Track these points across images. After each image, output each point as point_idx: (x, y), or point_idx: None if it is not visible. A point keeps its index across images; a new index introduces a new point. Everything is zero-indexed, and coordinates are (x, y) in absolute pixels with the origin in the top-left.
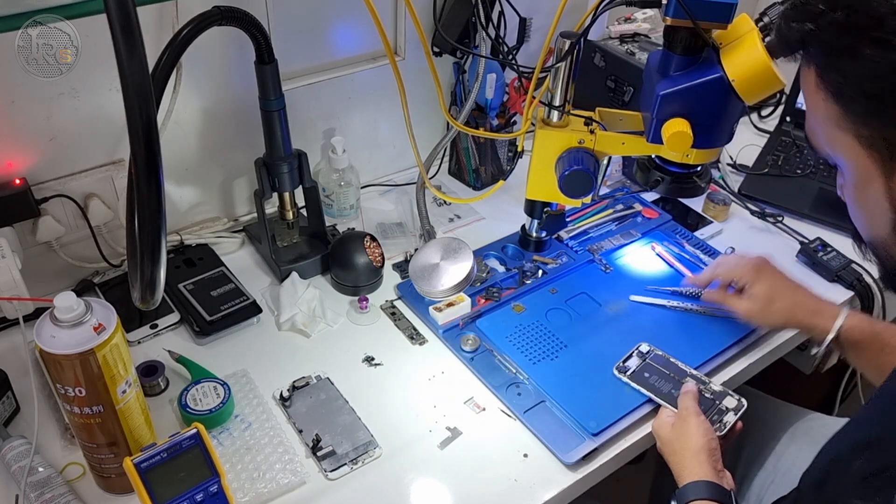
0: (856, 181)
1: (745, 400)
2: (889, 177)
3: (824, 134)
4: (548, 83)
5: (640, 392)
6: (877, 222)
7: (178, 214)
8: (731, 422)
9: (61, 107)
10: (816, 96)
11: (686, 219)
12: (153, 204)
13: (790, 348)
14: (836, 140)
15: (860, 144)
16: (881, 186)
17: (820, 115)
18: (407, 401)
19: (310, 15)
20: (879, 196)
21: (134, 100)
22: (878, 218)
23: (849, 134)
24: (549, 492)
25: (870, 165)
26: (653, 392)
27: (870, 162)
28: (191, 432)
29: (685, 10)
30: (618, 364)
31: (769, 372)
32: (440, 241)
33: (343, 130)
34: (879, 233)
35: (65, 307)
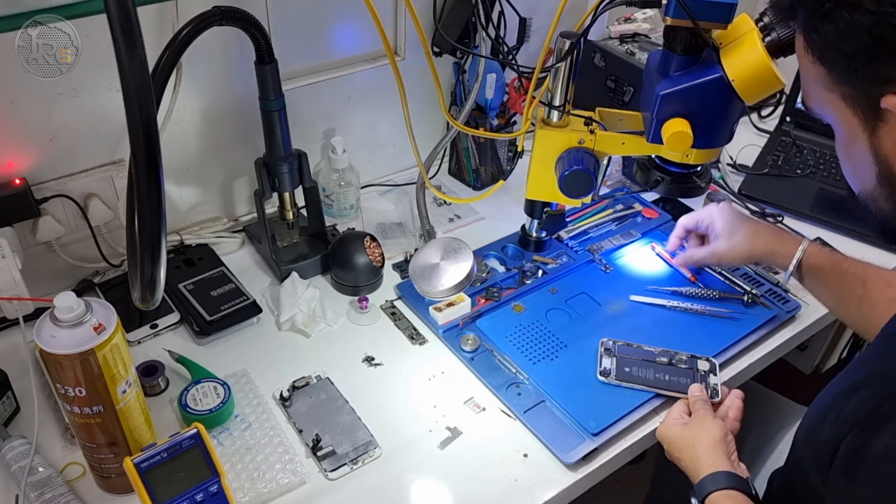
0: (844, 138)
1: (714, 360)
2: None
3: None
4: (548, 83)
5: (633, 389)
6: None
7: (178, 214)
8: (717, 383)
9: (61, 107)
10: (805, 59)
11: None
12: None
13: (790, 348)
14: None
15: (845, 103)
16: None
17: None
18: (407, 401)
19: (310, 15)
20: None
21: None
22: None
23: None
24: (549, 492)
25: (855, 123)
26: (644, 384)
27: (855, 120)
28: (191, 432)
29: (685, 10)
30: (598, 370)
31: (769, 372)
32: (440, 241)
33: (343, 130)
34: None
35: (65, 307)
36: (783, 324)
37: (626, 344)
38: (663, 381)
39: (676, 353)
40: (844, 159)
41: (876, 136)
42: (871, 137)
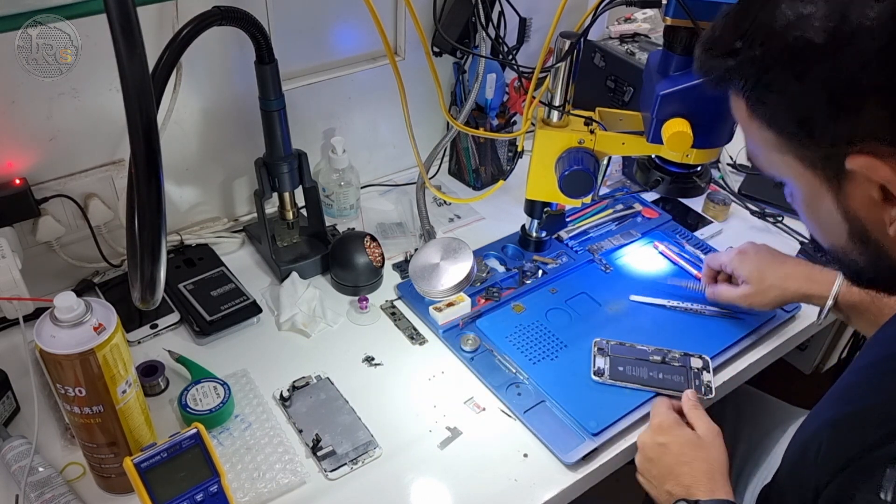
0: (805, 198)
1: (707, 357)
2: (837, 192)
3: (765, 157)
4: (548, 83)
5: (632, 389)
6: (833, 232)
7: (178, 214)
8: (710, 380)
9: (61, 107)
10: (751, 124)
11: (686, 219)
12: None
13: (790, 348)
14: (778, 163)
15: (803, 165)
16: (831, 201)
17: (758, 141)
18: (407, 401)
19: (310, 15)
20: (831, 209)
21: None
22: (833, 229)
23: (790, 156)
24: (549, 492)
25: (816, 183)
26: (638, 383)
27: (816, 180)
28: (191, 432)
29: (685, 10)
30: (592, 370)
31: (769, 372)
32: (440, 241)
33: (343, 130)
34: (837, 242)
35: (65, 307)
36: (783, 324)
37: (620, 343)
38: (657, 380)
39: (669, 351)
40: (808, 218)
41: (843, 194)
42: (836, 196)
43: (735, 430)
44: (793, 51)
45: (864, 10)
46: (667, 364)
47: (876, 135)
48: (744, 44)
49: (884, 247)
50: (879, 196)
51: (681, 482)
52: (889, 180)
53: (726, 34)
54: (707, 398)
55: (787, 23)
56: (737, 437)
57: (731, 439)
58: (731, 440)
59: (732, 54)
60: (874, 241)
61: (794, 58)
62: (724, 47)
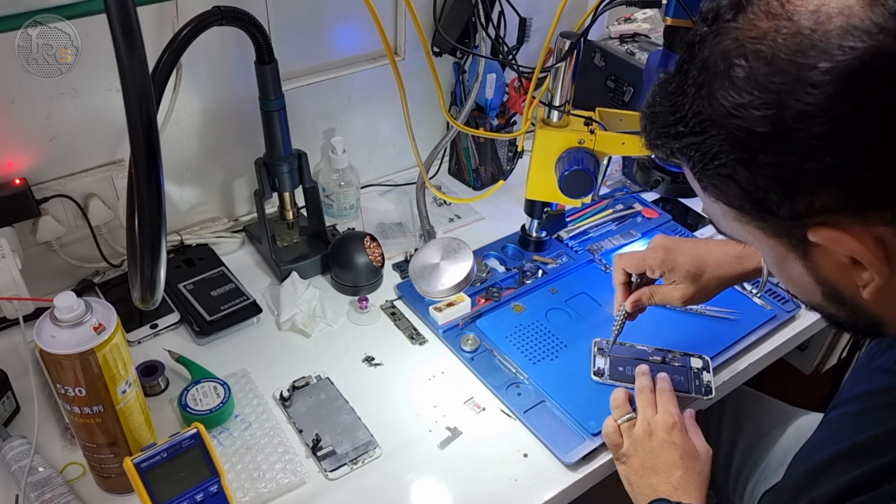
0: (773, 261)
1: (707, 357)
2: (804, 258)
3: (727, 226)
4: (548, 83)
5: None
6: (807, 292)
7: (178, 214)
8: (710, 380)
9: (61, 107)
10: (706, 197)
11: (686, 219)
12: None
13: (790, 348)
14: (740, 231)
15: (765, 234)
16: (800, 266)
17: (717, 212)
18: (407, 401)
19: (310, 15)
20: (801, 273)
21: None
22: (806, 289)
23: (750, 226)
24: (549, 492)
25: (782, 250)
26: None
27: (781, 248)
28: (191, 432)
29: (685, 10)
30: (592, 370)
31: (769, 372)
32: (440, 241)
33: (343, 130)
34: (814, 300)
35: (65, 307)
36: (783, 324)
37: (620, 343)
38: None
39: (669, 351)
40: (779, 276)
41: (810, 260)
42: (804, 262)
43: (735, 431)
44: (735, 139)
45: (802, 97)
46: (667, 364)
47: (835, 209)
48: (685, 128)
49: (860, 304)
50: (848, 261)
51: (670, 482)
52: (855, 251)
53: (666, 112)
54: (707, 398)
55: (726, 112)
56: (736, 438)
57: (730, 439)
58: (731, 440)
59: (675, 137)
60: (849, 300)
61: (738, 147)
62: (667, 126)
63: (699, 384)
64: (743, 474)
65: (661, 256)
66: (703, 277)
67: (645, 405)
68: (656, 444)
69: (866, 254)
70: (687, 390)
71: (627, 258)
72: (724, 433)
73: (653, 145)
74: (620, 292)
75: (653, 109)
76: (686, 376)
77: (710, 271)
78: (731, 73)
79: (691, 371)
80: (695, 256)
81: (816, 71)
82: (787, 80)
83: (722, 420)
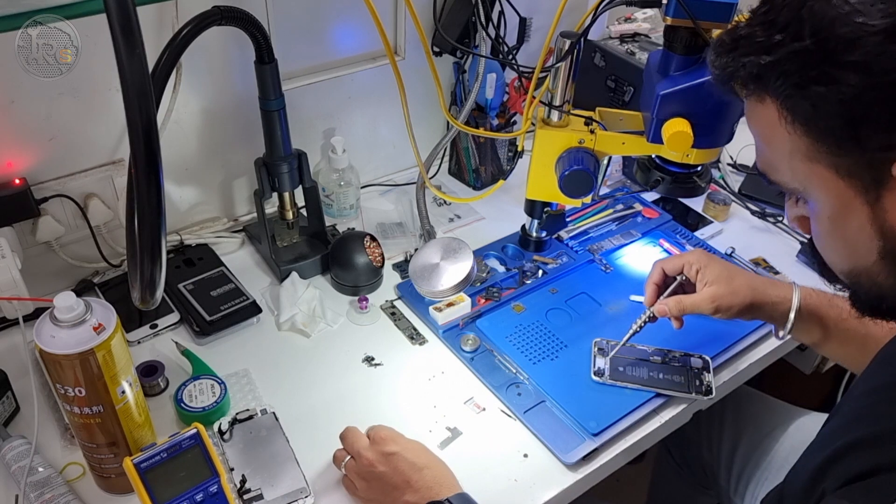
0: (832, 213)
1: (707, 357)
2: (874, 203)
3: (789, 168)
4: (548, 83)
5: (632, 389)
6: (860, 252)
7: (177, 214)
8: (710, 380)
9: (61, 107)
10: (778, 130)
11: (686, 219)
12: (153, 204)
13: (790, 348)
14: (805, 173)
15: (836, 174)
16: (864, 214)
17: (783, 150)
18: (407, 401)
19: (310, 15)
20: (863, 223)
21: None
22: (861, 247)
23: (821, 165)
24: (549, 492)
25: (850, 195)
26: (638, 383)
27: (850, 192)
28: (190, 432)
29: (685, 9)
30: (592, 371)
31: (769, 372)
32: (440, 241)
33: (343, 130)
34: (862, 262)
35: (65, 307)
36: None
37: (618, 343)
38: (657, 380)
39: (669, 351)
40: (830, 236)
41: (880, 206)
42: (872, 209)
43: (736, 430)
44: (853, 41)
45: None
46: (667, 364)
47: None
48: (786, 36)
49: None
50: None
51: (421, 487)
52: None
53: (759, 29)
54: (707, 398)
55: (849, 10)
56: (737, 438)
57: (731, 440)
58: (732, 440)
59: (769, 50)
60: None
61: (854, 48)
62: (757, 43)
63: (699, 384)
64: (744, 475)
65: (699, 256)
66: (735, 281)
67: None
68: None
69: None
70: (687, 390)
71: (666, 260)
72: (724, 433)
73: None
74: (651, 291)
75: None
76: (686, 376)
77: (742, 280)
78: None
79: (691, 371)
80: (730, 266)
81: None
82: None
83: (722, 420)
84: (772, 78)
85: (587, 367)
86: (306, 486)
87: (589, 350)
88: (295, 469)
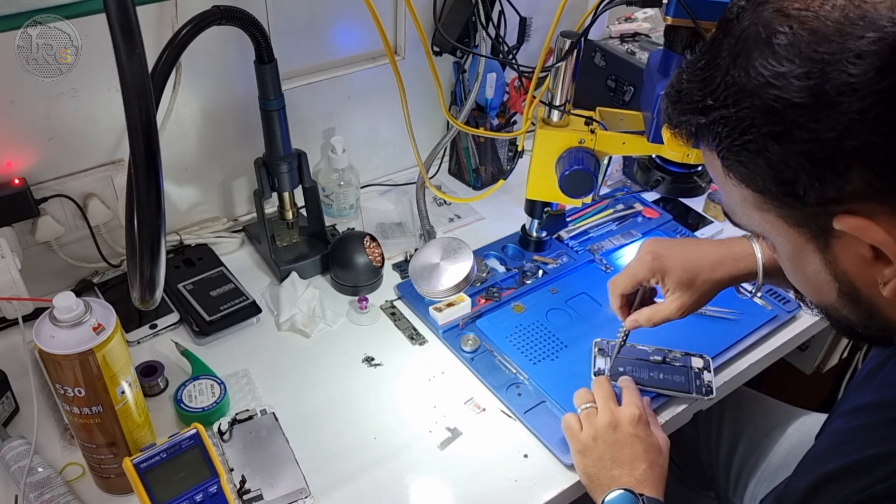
0: (790, 255)
1: (708, 357)
2: (824, 250)
3: (744, 214)
4: (548, 83)
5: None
6: (821, 291)
7: (177, 214)
8: (711, 380)
9: (61, 107)
10: (727, 181)
11: (686, 218)
12: (153, 204)
13: (791, 348)
14: (760, 220)
15: (786, 223)
16: (818, 259)
17: (735, 199)
18: (407, 401)
19: (310, 15)
20: (818, 268)
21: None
22: (821, 287)
23: (771, 214)
24: (549, 492)
25: (801, 241)
26: (639, 384)
27: (801, 238)
28: (190, 433)
29: (686, 9)
30: (592, 371)
31: (769, 372)
32: (440, 241)
33: (343, 130)
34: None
35: (64, 307)
36: (783, 324)
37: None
38: (658, 380)
39: (670, 351)
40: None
41: (830, 253)
42: (824, 255)
43: (735, 431)
44: (771, 111)
45: (846, 68)
46: (667, 364)
47: (865, 195)
48: (715, 101)
49: (876, 305)
50: (871, 255)
51: (633, 475)
52: (881, 241)
53: (694, 89)
54: (707, 398)
55: (764, 81)
56: (736, 438)
57: (730, 440)
58: (731, 441)
59: (703, 111)
60: (866, 299)
61: (773, 119)
62: (693, 103)
63: (700, 384)
64: (743, 475)
65: (650, 264)
66: (697, 282)
67: (605, 396)
68: (621, 436)
69: (892, 245)
70: (687, 390)
71: (619, 280)
72: (724, 433)
73: (675, 124)
74: (620, 315)
75: (677, 88)
76: (686, 376)
77: (704, 275)
78: (773, 41)
79: (692, 371)
80: (686, 261)
81: (864, 41)
82: (832, 50)
83: (722, 420)
84: (708, 138)
85: (587, 368)
86: (306, 487)
87: (589, 350)
88: (295, 469)
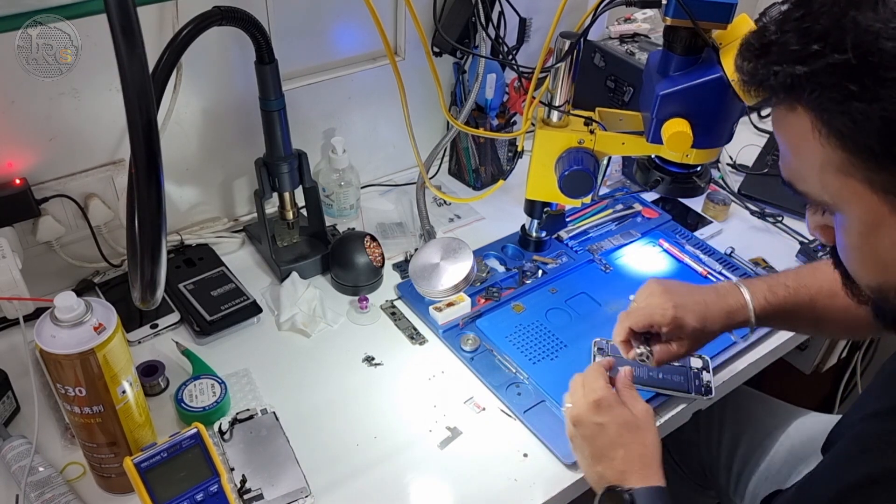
0: (863, 228)
1: (707, 357)
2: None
3: (819, 180)
4: (548, 83)
5: None
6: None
7: (178, 214)
8: (710, 380)
9: (61, 107)
10: (809, 141)
11: (686, 219)
12: (153, 204)
13: (790, 348)
14: (838, 186)
15: (871, 189)
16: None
17: (814, 162)
18: (407, 401)
19: (310, 15)
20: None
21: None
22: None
23: (854, 179)
24: (549, 492)
25: (884, 211)
26: (638, 383)
27: (884, 207)
28: (191, 432)
29: (685, 10)
30: None
31: (769, 372)
32: (440, 241)
33: (343, 130)
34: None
35: (65, 307)
36: None
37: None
38: (657, 380)
39: None
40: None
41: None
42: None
43: (735, 431)
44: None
45: None
46: (666, 364)
47: None
48: (825, 46)
49: None
50: None
51: (614, 466)
52: None
53: (792, 36)
54: (707, 398)
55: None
56: (737, 438)
57: (731, 440)
58: (731, 440)
59: (804, 60)
60: None
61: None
62: (791, 51)
63: (699, 384)
64: (744, 474)
65: (671, 316)
66: (703, 335)
67: (570, 392)
68: (587, 430)
69: None
70: (686, 390)
71: (635, 316)
72: (724, 433)
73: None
74: (622, 349)
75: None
76: (686, 376)
77: (709, 328)
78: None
79: (691, 371)
80: (698, 314)
81: None
82: None
83: (723, 419)
84: (806, 90)
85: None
86: (306, 486)
87: (589, 350)
88: (295, 469)
